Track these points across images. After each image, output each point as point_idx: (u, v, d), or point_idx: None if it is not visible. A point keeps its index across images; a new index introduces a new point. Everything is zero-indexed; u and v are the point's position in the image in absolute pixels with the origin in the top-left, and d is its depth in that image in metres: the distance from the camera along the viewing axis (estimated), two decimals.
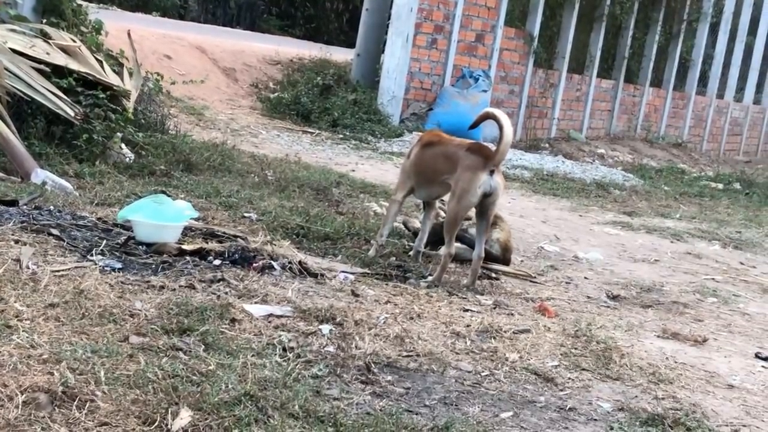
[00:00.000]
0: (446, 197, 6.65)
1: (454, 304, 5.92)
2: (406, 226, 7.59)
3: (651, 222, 11.07)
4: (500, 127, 6.12)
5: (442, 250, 6.44)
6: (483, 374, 4.69)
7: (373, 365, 4.48)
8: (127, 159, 8.55)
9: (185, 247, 5.90)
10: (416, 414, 4.03)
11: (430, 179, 6.63)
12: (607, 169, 16.06)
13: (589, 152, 18.38)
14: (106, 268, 5.33)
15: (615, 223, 10.76)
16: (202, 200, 7.66)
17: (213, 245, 5.99)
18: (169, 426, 3.50)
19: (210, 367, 4.07)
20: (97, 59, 9.26)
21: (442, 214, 7.03)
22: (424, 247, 7.02)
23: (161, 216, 6.01)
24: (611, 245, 9.28)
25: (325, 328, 4.89)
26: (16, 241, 5.52)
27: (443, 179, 6.49)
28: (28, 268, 5.00)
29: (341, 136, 14.48)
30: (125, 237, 6.03)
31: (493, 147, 6.38)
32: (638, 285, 7.48)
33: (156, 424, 3.50)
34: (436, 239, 6.99)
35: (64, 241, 5.75)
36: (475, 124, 6.60)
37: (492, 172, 6.19)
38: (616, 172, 15.71)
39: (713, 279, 8.13)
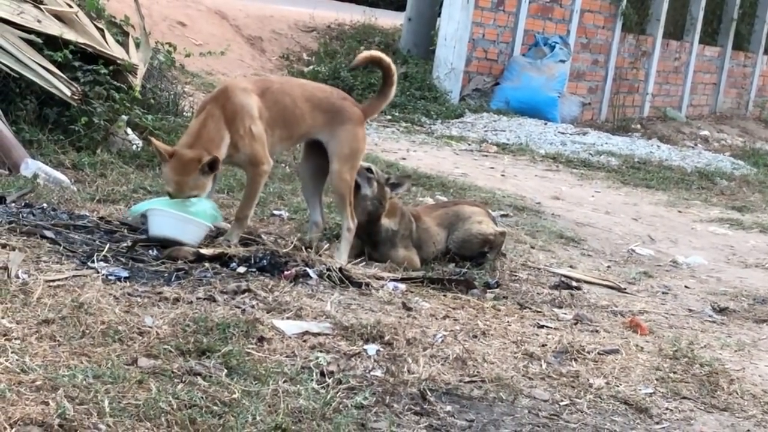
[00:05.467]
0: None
1: (526, 319, 5.93)
2: None
3: (766, 219, 11.01)
4: (387, 72, 6.58)
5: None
6: (562, 404, 4.70)
7: (429, 393, 4.50)
8: (134, 146, 8.57)
9: (204, 251, 5.94)
10: None
11: (290, 134, 6.54)
12: (711, 155, 16.01)
13: (690, 134, 18.35)
14: (109, 278, 5.37)
15: (722, 220, 10.77)
16: (223, 195, 7.72)
17: (236, 249, 6.04)
18: None
19: (234, 396, 4.10)
20: (97, 27, 9.31)
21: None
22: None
23: (184, 211, 6.05)
24: (717, 247, 9.30)
25: (371, 348, 4.96)
26: (3, 246, 5.55)
27: (306, 133, 6.52)
28: (18, 277, 5.04)
29: (389, 117, 14.57)
30: (133, 240, 6.04)
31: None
32: (750, 295, 7.43)
33: None
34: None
35: (59, 245, 5.77)
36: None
37: None
38: (722, 159, 15.66)
39: None
